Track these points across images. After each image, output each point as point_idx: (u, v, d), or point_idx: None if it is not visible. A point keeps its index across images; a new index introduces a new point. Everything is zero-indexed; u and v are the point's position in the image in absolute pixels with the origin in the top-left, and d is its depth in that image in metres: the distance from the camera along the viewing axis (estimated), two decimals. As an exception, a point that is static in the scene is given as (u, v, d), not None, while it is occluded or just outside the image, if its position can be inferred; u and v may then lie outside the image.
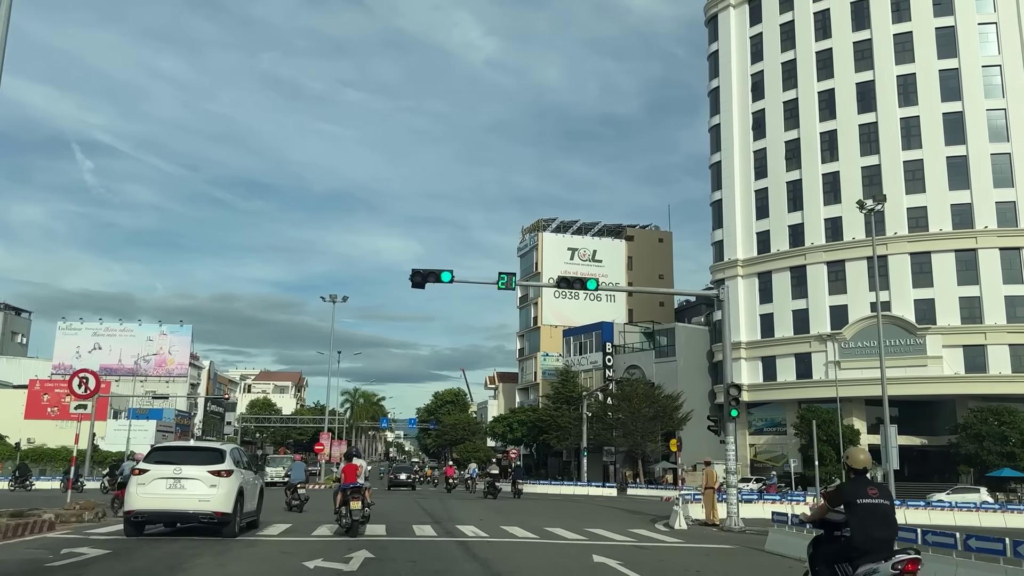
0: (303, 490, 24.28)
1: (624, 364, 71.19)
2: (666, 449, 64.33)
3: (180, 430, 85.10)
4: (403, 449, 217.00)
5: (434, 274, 19.92)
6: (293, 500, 23.62)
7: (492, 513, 24.53)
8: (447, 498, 34.70)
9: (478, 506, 29.05)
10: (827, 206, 62.63)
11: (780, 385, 62.91)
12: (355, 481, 16.11)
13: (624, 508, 31.65)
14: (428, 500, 31.84)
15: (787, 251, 63.87)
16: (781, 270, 64.14)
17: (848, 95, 62.74)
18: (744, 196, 67.32)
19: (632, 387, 63.20)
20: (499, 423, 78.05)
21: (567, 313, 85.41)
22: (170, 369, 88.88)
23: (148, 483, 14.66)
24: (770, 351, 64.00)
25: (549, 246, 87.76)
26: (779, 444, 64.52)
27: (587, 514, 25.50)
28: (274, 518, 19.19)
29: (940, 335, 57.31)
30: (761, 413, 66.03)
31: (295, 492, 23.90)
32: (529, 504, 31.32)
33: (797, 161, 64.67)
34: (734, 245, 67.05)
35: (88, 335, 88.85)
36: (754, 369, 64.88)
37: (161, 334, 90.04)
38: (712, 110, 71.26)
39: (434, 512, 24.22)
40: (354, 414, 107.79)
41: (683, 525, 19.65)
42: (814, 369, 61.50)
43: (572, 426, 68.23)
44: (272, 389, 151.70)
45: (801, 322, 62.61)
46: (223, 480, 14.64)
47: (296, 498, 23.65)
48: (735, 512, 20.23)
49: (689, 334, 69.13)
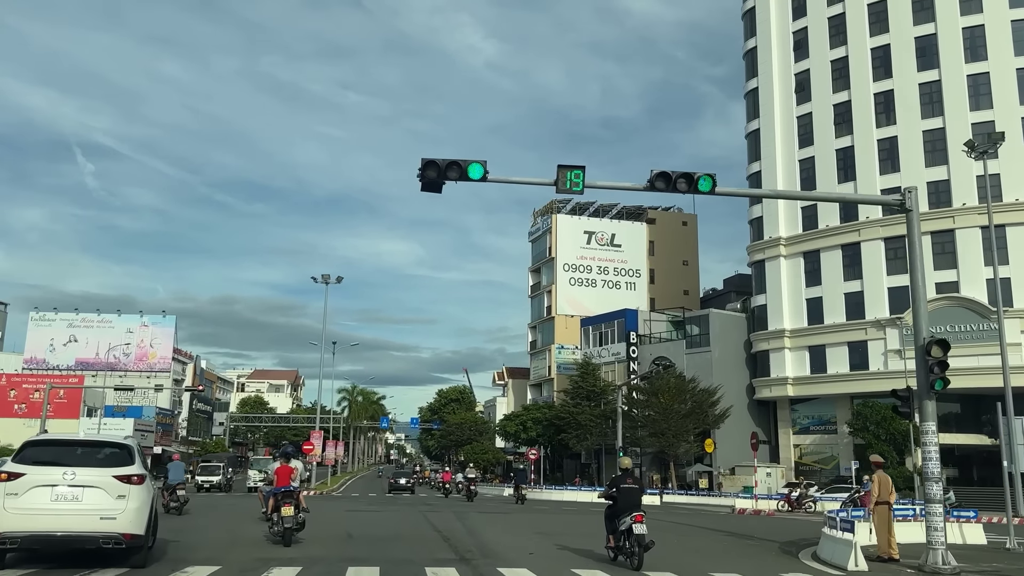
0: (183, 491, 23.34)
1: (650, 356, 64.00)
2: (699, 450, 57.32)
3: (161, 430, 78.01)
4: (404, 451, 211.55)
5: (457, 168, 12.82)
6: (171, 502, 22.64)
7: (540, 538, 17.41)
8: (465, 511, 27.41)
9: (512, 524, 21.91)
10: (884, 175, 55.45)
11: (830, 378, 55.72)
12: (288, 484, 14.88)
13: (694, 524, 24.49)
14: (440, 515, 24.61)
15: (838, 227, 56.69)
16: (831, 248, 56.96)
17: (906, 50, 55.53)
18: (787, 166, 60.16)
19: (664, 380, 55.99)
20: (511, 421, 70.79)
21: (583, 302, 78.34)
22: (151, 363, 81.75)
23: (23, 493, 10.28)
24: (819, 339, 56.82)
25: (564, 229, 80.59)
26: (828, 444, 57.37)
27: (672, 539, 18.31)
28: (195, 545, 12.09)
29: (1019, 319, 50.11)
30: (807, 410, 58.85)
31: (173, 493, 22.89)
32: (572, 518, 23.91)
33: (848, 126, 57.50)
34: (775, 221, 59.87)
35: (63, 327, 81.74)
36: (800, 360, 57.69)
37: (142, 325, 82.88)
38: (748, 73, 64.09)
39: (454, 536, 17.10)
40: (352, 413, 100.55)
41: (862, 565, 12.39)
42: (871, 359, 54.32)
43: (593, 424, 61.14)
44: (267, 388, 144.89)
45: (855, 306, 55.44)
46: (134, 489, 10.70)
47: (175, 499, 22.82)
48: (939, 542, 12.68)
49: (724, 322, 61.94)
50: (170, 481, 23.25)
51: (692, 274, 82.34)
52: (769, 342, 59.01)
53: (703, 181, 13.08)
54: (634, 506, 12.82)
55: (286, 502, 14.39)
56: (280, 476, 15.24)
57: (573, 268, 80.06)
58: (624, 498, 13.05)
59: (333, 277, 53.01)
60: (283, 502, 14.39)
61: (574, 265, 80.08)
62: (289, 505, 14.35)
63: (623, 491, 13.15)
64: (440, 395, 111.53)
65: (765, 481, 56.42)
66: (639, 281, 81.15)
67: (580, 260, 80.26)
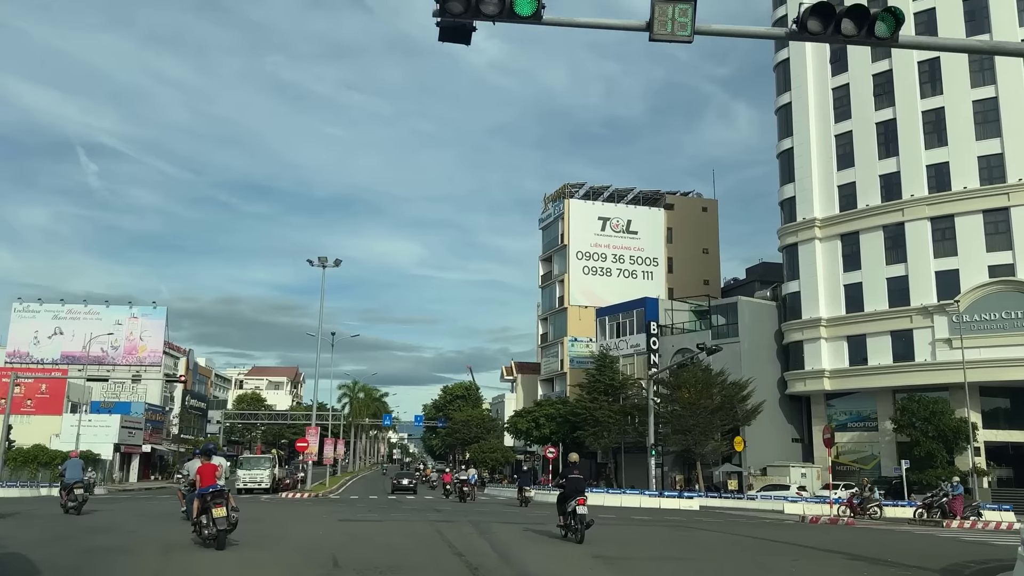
0: (80, 490, 22.41)
1: (672, 348, 59.48)
2: (727, 449, 52.85)
3: (151, 427, 73.52)
4: (407, 451, 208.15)
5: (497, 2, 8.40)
6: (69, 502, 22.14)
7: (604, 567, 12.87)
8: (486, 520, 22.77)
9: (558, 546, 17.44)
10: (929, 149, 50.97)
11: (872, 370, 51.20)
12: (215, 483, 13.64)
13: (777, 539, 20.05)
14: (456, 527, 20.04)
15: (879, 206, 52.18)
16: (871, 229, 52.47)
17: (954, 15, 50.94)
18: (822, 142, 55.69)
19: (691, 372, 51.51)
20: (522, 418, 66.22)
21: (597, 291, 73.87)
22: (141, 357, 77.30)
23: None
24: (859, 328, 52.33)
25: (577, 215, 76.04)
26: (868, 442, 52.88)
27: (785, 564, 13.81)
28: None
29: (1083, 305, 45.66)
30: (844, 405, 54.35)
31: (71, 493, 22.23)
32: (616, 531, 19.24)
33: (889, 97, 53.00)
34: (809, 201, 55.39)
35: (48, 318, 77.25)
36: (838, 351, 53.21)
37: (132, 317, 78.36)
38: (779, 43, 59.54)
39: (483, 564, 12.50)
40: (353, 410, 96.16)
41: None
42: (916, 349, 49.81)
43: (612, 421, 56.70)
44: (266, 385, 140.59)
45: (899, 292, 50.93)
46: None
47: (73, 499, 22.19)
48: None
49: (754, 310, 57.38)
50: (67, 480, 22.65)
51: (712, 263, 77.77)
52: (803, 332, 54.54)
53: (883, 20, 8.53)
54: (579, 492, 15.99)
55: (217, 503, 13.22)
56: (204, 475, 13.91)
57: (587, 256, 75.55)
58: (571, 485, 16.17)
59: (332, 263, 48.78)
60: (214, 503, 13.22)
61: (588, 253, 75.57)
62: (221, 506, 13.19)
63: (570, 480, 16.30)
64: (445, 391, 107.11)
65: (800, 483, 52.03)
66: (656, 270, 76.62)
67: (594, 248, 75.74)
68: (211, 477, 13.83)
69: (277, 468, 47.71)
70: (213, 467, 14.16)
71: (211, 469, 14.03)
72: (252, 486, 44.69)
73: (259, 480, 44.71)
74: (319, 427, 49.58)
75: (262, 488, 44.45)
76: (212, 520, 13.09)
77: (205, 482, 13.67)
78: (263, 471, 45.32)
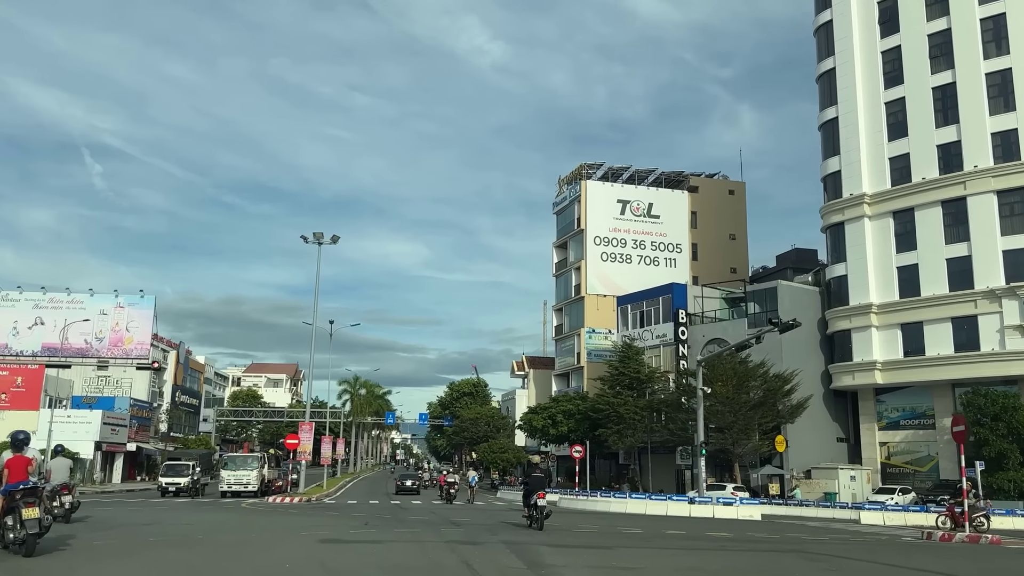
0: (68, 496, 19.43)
1: (703, 338, 54.23)
2: (767, 449, 47.71)
3: (137, 424, 68.41)
4: (411, 451, 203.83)
5: None
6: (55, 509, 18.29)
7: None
8: (522, 542, 17.61)
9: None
10: (995, 115, 45.71)
11: (930, 361, 45.96)
12: (26, 479, 12.17)
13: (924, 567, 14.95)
14: (486, 550, 14.90)
15: (937, 179, 46.94)
16: (928, 205, 47.24)
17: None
18: (870, 110, 50.46)
19: (729, 364, 46.30)
20: (537, 415, 60.92)
21: (616, 279, 68.65)
22: (127, 349, 72.28)
23: None
24: (914, 315, 47.10)
25: (595, 197, 70.77)
26: (924, 442, 47.62)
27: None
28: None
29: None
30: (896, 401, 49.11)
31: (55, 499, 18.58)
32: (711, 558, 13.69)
33: (948, 59, 47.75)
34: (857, 176, 50.16)
35: (28, 307, 72.22)
36: (890, 341, 47.96)
37: (117, 307, 73.27)
38: (821, 3, 54.33)
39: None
40: (354, 408, 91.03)
41: None
42: (982, 338, 44.54)
43: (637, 418, 51.54)
44: (264, 382, 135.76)
45: (961, 275, 45.67)
46: None
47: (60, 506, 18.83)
48: None
49: (795, 296, 52.11)
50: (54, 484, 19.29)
51: (740, 249, 72.48)
52: (851, 320, 49.31)
53: None
54: (541, 487, 20.39)
55: (29, 502, 11.88)
56: (14, 470, 12.29)
57: (605, 242, 70.31)
58: (534, 483, 20.76)
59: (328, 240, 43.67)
60: (25, 502, 11.86)
61: (606, 238, 70.32)
62: (33, 506, 11.86)
63: (533, 479, 21.28)
64: (452, 388, 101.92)
65: (849, 486, 46.86)
66: (680, 257, 71.35)
67: (613, 233, 70.48)
68: (22, 472, 12.30)
69: (267, 469, 42.76)
70: (26, 460, 12.46)
71: (22, 463, 12.40)
72: (237, 488, 39.70)
73: (245, 482, 39.70)
74: (314, 423, 44.40)
75: (248, 491, 39.46)
76: (21, 522, 11.71)
77: (14, 477, 12.23)
78: (250, 472, 40.31)
